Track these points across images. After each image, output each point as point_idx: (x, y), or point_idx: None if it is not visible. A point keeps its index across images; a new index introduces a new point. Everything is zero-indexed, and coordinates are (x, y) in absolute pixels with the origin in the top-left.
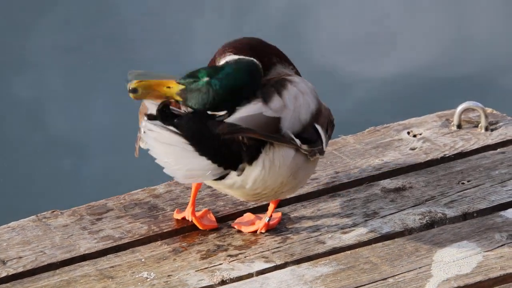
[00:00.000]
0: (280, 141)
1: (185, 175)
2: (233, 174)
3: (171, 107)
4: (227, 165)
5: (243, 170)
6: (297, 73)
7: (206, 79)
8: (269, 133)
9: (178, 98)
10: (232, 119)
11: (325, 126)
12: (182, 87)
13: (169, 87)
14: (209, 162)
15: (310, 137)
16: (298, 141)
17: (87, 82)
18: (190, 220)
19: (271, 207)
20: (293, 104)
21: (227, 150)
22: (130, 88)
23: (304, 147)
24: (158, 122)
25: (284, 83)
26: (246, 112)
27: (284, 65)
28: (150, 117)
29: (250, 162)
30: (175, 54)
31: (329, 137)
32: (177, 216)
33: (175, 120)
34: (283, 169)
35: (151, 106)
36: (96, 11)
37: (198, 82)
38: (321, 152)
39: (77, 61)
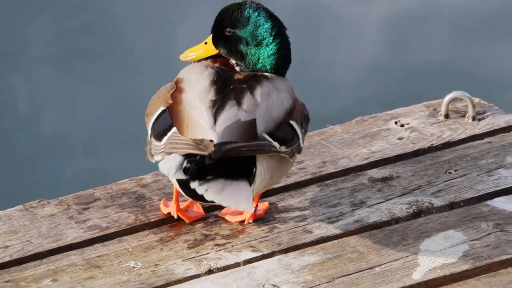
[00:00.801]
0: (266, 153)
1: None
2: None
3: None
4: (252, 179)
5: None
6: None
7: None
8: (250, 142)
9: (216, 52)
10: (215, 134)
11: (300, 121)
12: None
13: (205, 43)
14: (248, 183)
15: (286, 136)
16: (277, 144)
17: (75, 75)
18: (176, 217)
19: (255, 198)
20: (265, 101)
21: (248, 167)
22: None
23: (283, 148)
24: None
25: (259, 79)
26: (226, 122)
27: None
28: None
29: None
30: (165, 48)
31: (305, 132)
32: (164, 210)
33: (208, 164)
34: (267, 170)
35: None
36: (83, 6)
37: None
38: (299, 151)
39: (67, 55)
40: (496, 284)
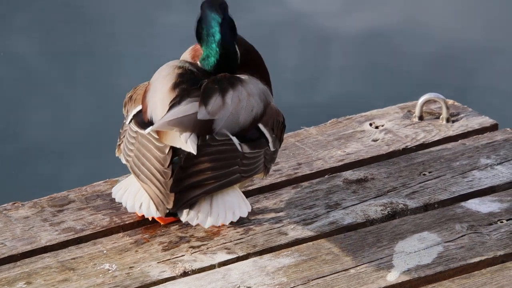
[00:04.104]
0: (237, 182)
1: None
2: None
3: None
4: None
5: None
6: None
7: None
8: (216, 173)
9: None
10: (167, 116)
11: (271, 126)
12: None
13: None
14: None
15: (251, 136)
16: (236, 140)
17: (53, 78)
18: (150, 219)
19: None
20: (234, 105)
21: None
22: None
23: (246, 148)
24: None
25: (234, 82)
26: (176, 114)
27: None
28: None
29: None
30: (147, 47)
31: (280, 140)
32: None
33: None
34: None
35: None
36: (68, 8)
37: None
38: (272, 159)
39: (50, 55)
40: (470, 286)
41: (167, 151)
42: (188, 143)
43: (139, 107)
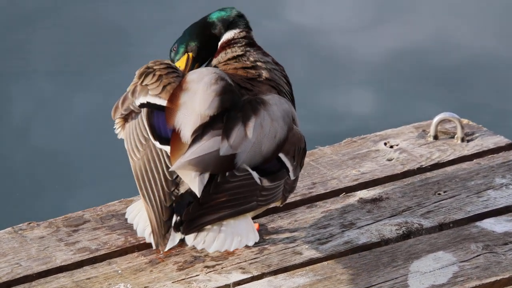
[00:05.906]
0: (252, 209)
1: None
2: None
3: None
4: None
5: None
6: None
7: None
8: (231, 203)
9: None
10: (188, 155)
11: (292, 154)
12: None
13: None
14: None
15: (272, 168)
16: (256, 174)
17: (67, 90)
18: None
19: None
20: (256, 134)
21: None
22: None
23: (266, 182)
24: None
25: (256, 107)
26: (197, 153)
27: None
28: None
29: None
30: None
31: (301, 166)
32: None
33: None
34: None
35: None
36: (85, 19)
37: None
38: (291, 189)
39: (65, 68)
40: None
41: (171, 203)
42: (195, 183)
43: (163, 101)
